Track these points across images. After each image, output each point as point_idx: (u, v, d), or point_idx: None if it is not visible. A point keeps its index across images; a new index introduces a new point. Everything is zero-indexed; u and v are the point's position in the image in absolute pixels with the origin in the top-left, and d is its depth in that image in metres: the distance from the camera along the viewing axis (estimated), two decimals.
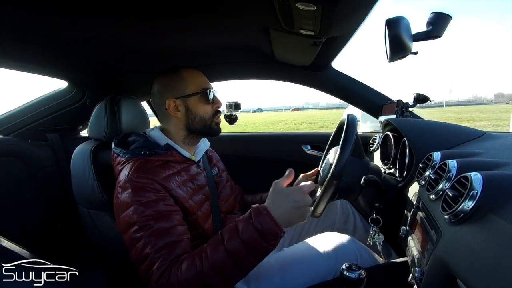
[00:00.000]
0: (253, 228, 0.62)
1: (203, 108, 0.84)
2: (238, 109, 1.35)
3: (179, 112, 0.83)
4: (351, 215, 1.02)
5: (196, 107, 0.84)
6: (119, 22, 0.73)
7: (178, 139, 0.85)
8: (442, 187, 0.53)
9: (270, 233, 0.62)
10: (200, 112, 0.84)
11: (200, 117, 0.84)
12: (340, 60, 13.45)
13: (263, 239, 0.62)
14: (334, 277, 0.75)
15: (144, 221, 0.66)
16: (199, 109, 0.84)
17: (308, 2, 0.53)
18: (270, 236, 0.62)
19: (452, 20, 0.79)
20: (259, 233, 0.62)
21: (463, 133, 0.82)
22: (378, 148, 1.14)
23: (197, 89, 0.84)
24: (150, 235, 0.65)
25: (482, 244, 0.38)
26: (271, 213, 0.63)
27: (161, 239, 0.65)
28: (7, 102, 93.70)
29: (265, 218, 0.62)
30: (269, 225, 0.62)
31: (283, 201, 0.64)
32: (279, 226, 0.63)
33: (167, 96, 0.82)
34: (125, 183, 0.70)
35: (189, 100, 0.83)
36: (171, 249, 0.65)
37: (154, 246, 0.64)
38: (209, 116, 0.85)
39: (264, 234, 0.62)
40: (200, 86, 0.84)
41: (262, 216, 0.63)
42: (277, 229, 0.62)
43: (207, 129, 0.86)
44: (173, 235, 0.66)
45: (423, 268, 0.52)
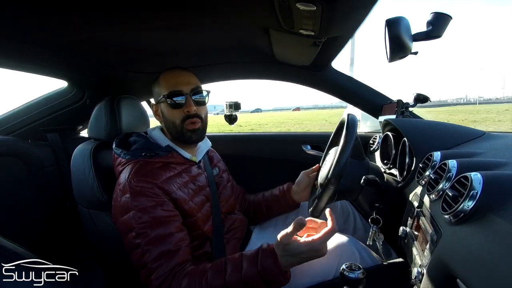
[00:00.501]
0: (256, 272, 0.60)
1: (171, 113, 0.80)
2: (238, 109, 1.35)
3: (159, 117, 0.84)
4: (351, 215, 1.02)
5: (166, 112, 0.81)
6: (119, 22, 0.73)
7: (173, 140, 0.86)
8: (442, 187, 0.53)
9: (273, 281, 0.60)
10: (170, 117, 0.81)
11: (172, 123, 0.81)
12: (340, 60, 13.47)
13: (264, 283, 0.60)
14: (334, 277, 0.75)
15: (142, 228, 0.66)
16: (168, 114, 0.81)
17: (308, 2, 0.53)
18: (272, 284, 0.61)
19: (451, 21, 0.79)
20: (261, 278, 0.60)
21: (463, 133, 0.82)
22: (378, 148, 1.14)
23: (165, 92, 0.80)
24: (147, 243, 0.65)
25: (482, 244, 0.38)
26: (278, 261, 0.60)
27: (159, 247, 0.65)
28: (7, 102, 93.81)
29: (271, 266, 0.59)
30: (273, 273, 0.59)
31: (294, 256, 0.60)
32: (285, 275, 0.61)
33: (154, 100, 0.84)
34: (124, 187, 0.70)
35: (162, 105, 0.82)
36: (169, 258, 0.64)
37: (152, 255, 0.64)
38: (178, 122, 0.80)
39: (267, 281, 0.60)
40: (168, 89, 0.80)
41: (268, 261, 0.60)
42: (282, 278, 0.60)
43: (180, 135, 0.82)
44: (170, 243, 0.66)
45: (423, 268, 0.52)
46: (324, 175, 0.77)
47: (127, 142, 0.83)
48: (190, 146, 0.87)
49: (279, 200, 0.99)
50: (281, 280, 0.60)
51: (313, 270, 0.76)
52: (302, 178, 0.95)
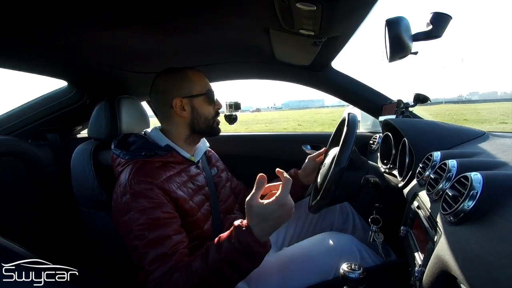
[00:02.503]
0: (233, 248, 0.60)
1: (207, 108, 0.86)
2: (238, 109, 1.35)
3: (185, 112, 0.83)
4: (350, 215, 1.02)
5: (201, 107, 0.85)
6: (119, 22, 0.73)
7: (179, 139, 0.85)
8: (442, 187, 0.54)
9: (252, 253, 0.60)
10: (205, 112, 0.86)
11: (205, 117, 0.86)
12: (340, 60, 13.44)
13: (245, 257, 0.60)
14: (334, 276, 0.75)
15: (140, 230, 0.66)
16: (203, 110, 0.85)
17: (308, 2, 0.53)
18: (253, 256, 0.60)
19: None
20: (240, 253, 0.60)
21: (463, 133, 0.82)
22: (378, 148, 1.14)
23: (203, 90, 0.85)
24: (144, 245, 0.65)
25: (482, 244, 0.38)
26: (252, 232, 0.60)
27: (155, 250, 0.65)
28: (7, 102, 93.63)
29: (247, 239, 0.59)
30: (250, 244, 0.59)
31: (264, 220, 0.60)
32: (263, 244, 0.60)
33: (174, 95, 0.82)
34: (124, 187, 0.70)
35: (195, 100, 0.84)
36: (164, 261, 0.64)
37: (148, 258, 0.64)
38: (212, 117, 0.87)
39: (247, 255, 0.60)
40: (206, 87, 0.86)
41: (242, 235, 0.60)
42: (261, 248, 0.60)
43: (210, 129, 0.88)
44: (167, 246, 0.66)
45: (423, 268, 0.52)
46: (324, 175, 0.77)
47: (126, 143, 0.83)
48: (190, 146, 0.88)
49: None
50: (260, 250, 0.60)
51: (313, 270, 0.76)
52: (308, 163, 1.00)
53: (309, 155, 0.99)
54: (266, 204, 0.59)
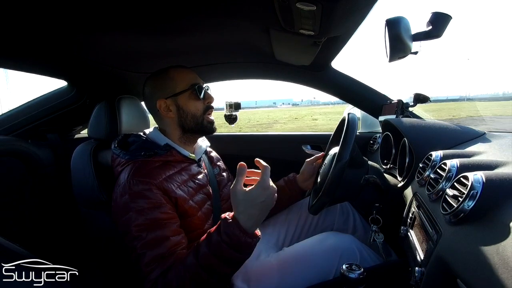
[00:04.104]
0: (221, 240, 0.60)
1: (194, 104, 0.83)
2: (238, 109, 1.35)
3: (171, 112, 0.83)
4: (351, 215, 1.02)
5: (186, 104, 0.83)
6: (119, 22, 0.73)
7: (175, 138, 0.85)
8: (442, 187, 0.53)
9: (240, 244, 0.60)
10: (191, 109, 0.83)
11: (192, 115, 0.83)
12: (340, 60, 13.41)
13: (233, 249, 0.60)
14: (334, 277, 0.75)
15: (138, 231, 0.66)
16: (189, 106, 0.83)
17: (308, 2, 0.53)
18: (241, 247, 0.61)
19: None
20: (228, 245, 0.60)
21: (463, 133, 0.82)
22: (378, 148, 1.14)
23: (186, 86, 0.83)
24: (142, 246, 0.65)
25: (482, 244, 0.38)
26: (238, 222, 0.60)
27: (153, 251, 0.65)
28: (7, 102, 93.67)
29: (234, 230, 0.60)
30: (236, 235, 0.59)
31: (249, 206, 0.60)
32: (251, 235, 0.61)
33: (157, 97, 0.82)
34: (124, 188, 0.70)
35: (179, 98, 0.82)
36: (161, 263, 0.65)
37: (146, 259, 0.65)
38: (200, 113, 0.84)
39: (235, 247, 0.60)
40: (189, 82, 0.83)
41: (230, 227, 0.60)
42: (249, 238, 0.60)
43: (199, 127, 0.85)
44: (165, 247, 0.66)
45: (423, 268, 0.52)
46: (324, 175, 0.77)
47: (126, 143, 0.83)
48: (188, 145, 0.87)
49: (285, 189, 1.00)
50: (247, 240, 0.60)
51: (313, 270, 0.76)
52: (305, 167, 0.98)
53: (307, 159, 0.98)
54: (249, 190, 0.61)
